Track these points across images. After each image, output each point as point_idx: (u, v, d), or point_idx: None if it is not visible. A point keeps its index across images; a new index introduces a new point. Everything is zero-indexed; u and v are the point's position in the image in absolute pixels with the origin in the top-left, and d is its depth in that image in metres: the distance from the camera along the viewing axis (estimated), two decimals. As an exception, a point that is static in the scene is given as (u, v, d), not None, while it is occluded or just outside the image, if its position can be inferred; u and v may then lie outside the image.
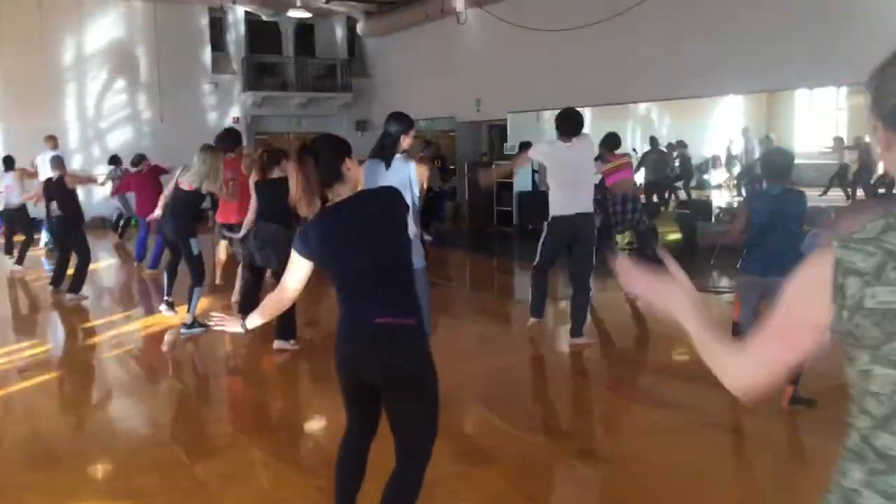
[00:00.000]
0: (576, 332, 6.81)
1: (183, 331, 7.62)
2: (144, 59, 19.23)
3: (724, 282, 9.61)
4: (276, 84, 20.85)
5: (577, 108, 6.95)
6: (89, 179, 12.63)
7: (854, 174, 16.90)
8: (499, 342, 7.59)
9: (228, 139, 8.75)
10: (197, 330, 7.56)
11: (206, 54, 19.98)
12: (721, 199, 19.28)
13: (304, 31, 21.40)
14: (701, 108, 20.94)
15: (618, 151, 9.54)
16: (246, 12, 20.02)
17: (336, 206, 3.07)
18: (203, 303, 7.81)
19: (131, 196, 13.15)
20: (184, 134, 18.53)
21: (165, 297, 8.23)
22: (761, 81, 12.50)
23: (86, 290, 9.57)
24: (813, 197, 17.09)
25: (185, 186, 7.47)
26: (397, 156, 5.32)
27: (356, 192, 3.12)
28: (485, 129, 19.03)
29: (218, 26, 20.24)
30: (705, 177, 22.82)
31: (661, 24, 12.73)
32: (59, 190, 9.49)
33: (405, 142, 5.40)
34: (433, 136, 23.19)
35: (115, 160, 15.50)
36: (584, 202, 6.69)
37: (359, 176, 3.19)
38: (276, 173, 7.01)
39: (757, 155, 19.44)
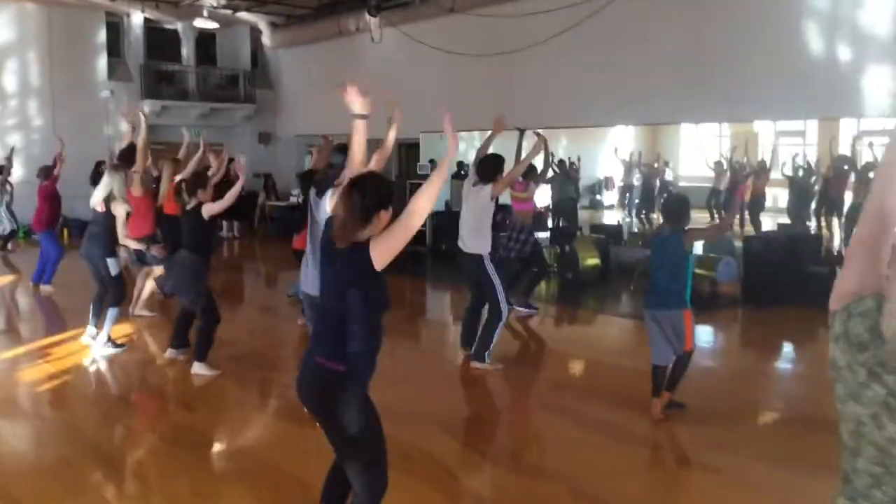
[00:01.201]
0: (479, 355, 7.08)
1: (99, 347, 7.60)
2: (36, 65, 18.30)
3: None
4: (176, 93, 20.23)
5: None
6: None
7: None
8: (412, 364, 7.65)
9: (132, 155, 8.62)
10: (111, 349, 7.57)
11: (102, 60, 19.18)
12: (612, 218, 20.23)
13: (206, 39, 20.86)
14: (593, 133, 21.71)
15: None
16: (145, 18, 19.34)
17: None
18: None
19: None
20: (78, 143, 17.78)
21: (92, 326, 7.90)
22: (649, 115, 13.75)
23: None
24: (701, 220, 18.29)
25: (98, 208, 7.51)
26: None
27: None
28: (395, 147, 19.04)
29: (115, 31, 19.47)
30: (598, 197, 23.80)
31: (564, 58, 13.14)
32: None
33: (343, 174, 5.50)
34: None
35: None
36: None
37: (383, 226, 3.26)
38: (192, 203, 6.85)
39: (638, 178, 20.87)
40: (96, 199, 7.48)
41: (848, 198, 13.23)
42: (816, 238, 11.96)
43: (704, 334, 8.62)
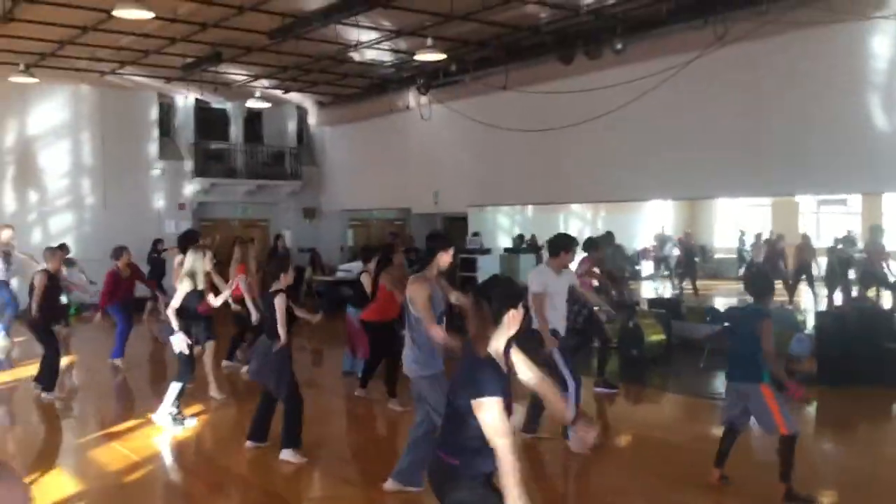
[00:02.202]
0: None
1: (153, 417, 7.64)
2: (88, 145, 18.67)
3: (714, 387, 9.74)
4: (224, 170, 20.52)
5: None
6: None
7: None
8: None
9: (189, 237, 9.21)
10: (175, 424, 7.58)
11: (154, 140, 19.54)
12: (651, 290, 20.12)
13: (253, 118, 21.25)
14: (628, 206, 21.71)
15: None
16: (196, 99, 19.75)
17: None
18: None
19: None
20: (128, 220, 18.07)
21: (164, 407, 7.79)
22: (698, 190, 14.05)
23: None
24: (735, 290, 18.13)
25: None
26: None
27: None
28: (439, 220, 19.11)
29: (165, 111, 19.89)
30: (636, 268, 23.69)
31: (612, 134, 13.15)
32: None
33: (443, 259, 5.49)
34: (377, 226, 23.38)
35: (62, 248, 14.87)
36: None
37: (516, 324, 3.25)
38: (276, 286, 6.80)
39: (669, 249, 20.95)
40: (179, 277, 7.55)
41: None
42: (890, 313, 11.63)
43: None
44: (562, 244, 7.18)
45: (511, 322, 3.16)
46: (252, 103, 17.88)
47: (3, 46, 13.76)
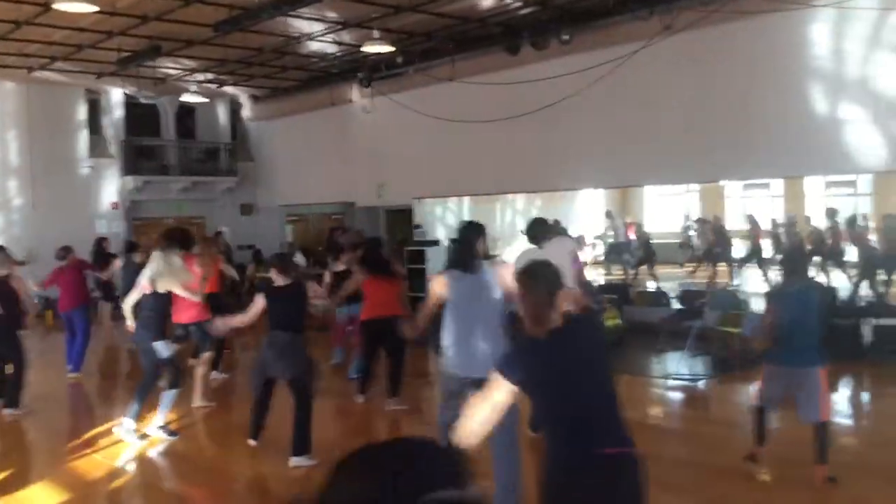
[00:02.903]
0: None
1: (151, 431, 7.33)
2: (15, 143, 17.94)
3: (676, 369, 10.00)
4: (157, 168, 20.00)
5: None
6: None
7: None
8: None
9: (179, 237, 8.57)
10: (164, 434, 7.31)
11: (83, 137, 18.90)
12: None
13: (185, 113, 20.75)
14: (562, 195, 21.97)
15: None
16: (125, 94, 19.17)
17: (556, 334, 3.10)
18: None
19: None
20: (59, 222, 17.42)
21: (129, 419, 7.38)
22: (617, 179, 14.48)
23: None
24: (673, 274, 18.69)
25: (146, 290, 7.28)
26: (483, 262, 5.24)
27: (569, 321, 3.19)
28: (382, 213, 19.01)
29: (94, 108, 19.25)
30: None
31: (560, 123, 13.29)
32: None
33: (480, 247, 5.34)
34: (316, 220, 23.14)
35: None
36: None
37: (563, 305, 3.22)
38: (281, 280, 6.69)
39: (613, 234, 21.40)
40: (143, 280, 7.24)
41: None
42: (832, 290, 12.14)
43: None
44: (544, 229, 7.22)
45: (563, 300, 3.18)
46: (188, 98, 17.45)
47: (-75, 42, 13.11)
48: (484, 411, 3.06)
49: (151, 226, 19.68)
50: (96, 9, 9.96)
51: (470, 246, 5.25)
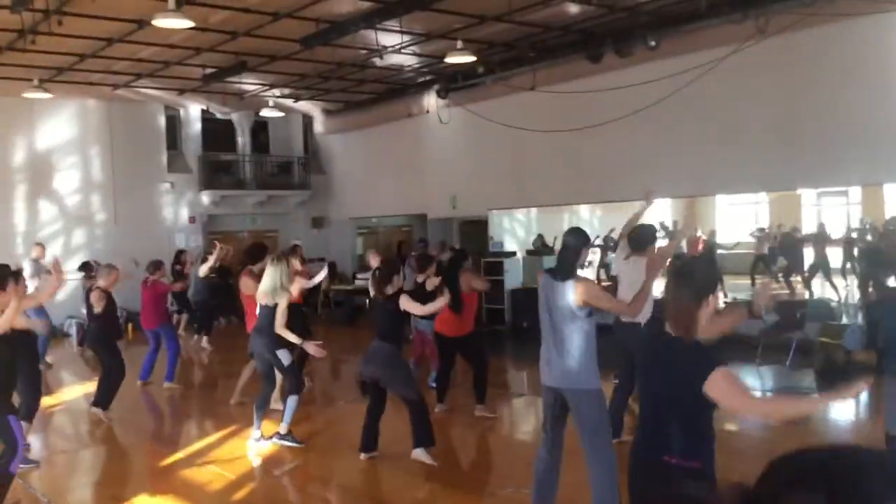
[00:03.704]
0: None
1: (276, 440, 7.40)
2: (98, 160, 18.36)
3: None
4: (232, 182, 20.29)
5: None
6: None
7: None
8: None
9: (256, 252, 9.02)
10: (289, 442, 7.35)
11: (162, 153, 19.26)
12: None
13: (259, 128, 21.04)
14: (627, 205, 21.44)
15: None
16: (202, 110, 19.51)
17: None
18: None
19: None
20: (139, 235, 17.76)
21: (256, 431, 7.62)
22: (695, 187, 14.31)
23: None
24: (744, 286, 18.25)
25: (264, 301, 7.36)
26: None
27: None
28: (455, 225, 18.99)
29: (172, 124, 19.62)
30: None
31: (636, 133, 13.17)
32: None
33: (584, 256, 5.24)
34: (386, 233, 23.23)
35: (86, 266, 14.62)
36: None
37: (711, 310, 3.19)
38: (388, 290, 6.72)
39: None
40: (262, 291, 7.31)
41: None
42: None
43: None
44: (651, 237, 7.06)
45: (709, 307, 3.11)
46: (266, 112, 17.67)
47: (19, 61, 13.43)
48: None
49: (227, 239, 19.90)
50: (192, 24, 10.10)
51: (576, 254, 5.14)
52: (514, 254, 16.55)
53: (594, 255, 18.60)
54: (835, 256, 17.45)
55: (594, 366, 4.99)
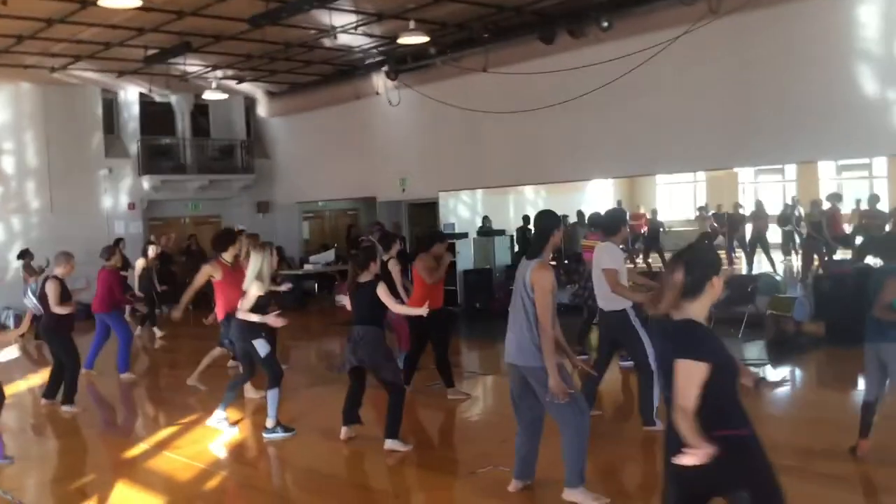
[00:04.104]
0: (647, 419, 6.73)
1: (265, 435, 7.17)
2: (32, 145, 17.69)
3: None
4: (173, 167, 19.77)
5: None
6: None
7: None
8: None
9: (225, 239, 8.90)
10: (280, 434, 7.14)
11: (99, 138, 18.64)
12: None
13: (198, 111, 20.52)
14: (571, 186, 21.58)
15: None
16: (140, 93, 18.94)
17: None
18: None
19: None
20: (77, 224, 17.22)
21: (221, 411, 7.47)
22: (688, 164, 14.46)
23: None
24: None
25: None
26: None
27: None
28: (404, 207, 18.88)
29: (109, 108, 18.99)
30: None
31: (590, 113, 13.14)
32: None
33: (556, 239, 5.28)
34: (332, 216, 22.99)
35: (25, 254, 14.14)
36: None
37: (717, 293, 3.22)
38: (364, 277, 6.64)
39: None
40: (248, 280, 7.15)
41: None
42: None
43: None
44: (621, 220, 7.12)
45: (714, 290, 3.13)
46: (210, 95, 17.24)
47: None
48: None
49: (169, 226, 19.49)
50: (139, 3, 9.76)
51: (546, 236, 5.22)
52: (465, 235, 16.54)
53: None
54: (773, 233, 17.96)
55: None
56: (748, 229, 18.25)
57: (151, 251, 14.32)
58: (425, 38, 12.71)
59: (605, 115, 13.28)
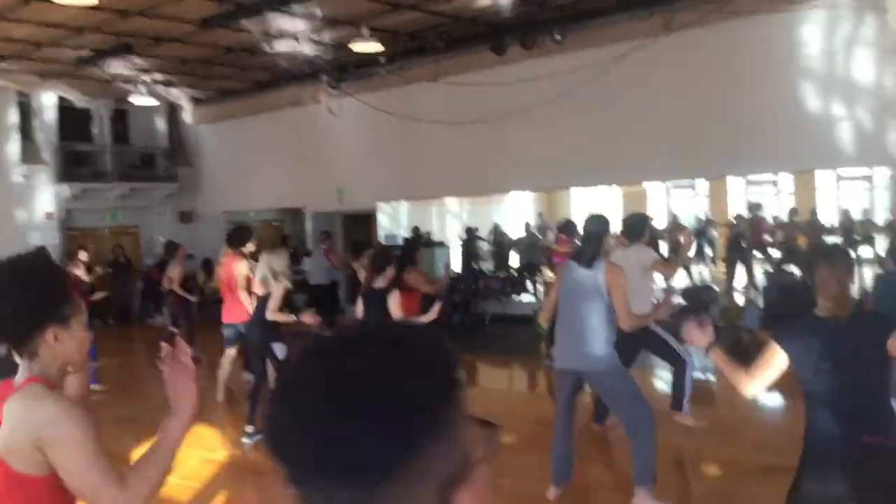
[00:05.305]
0: (675, 405, 6.85)
1: (245, 441, 7.07)
2: (-60, 150, 16.59)
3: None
4: (92, 174, 18.87)
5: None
6: None
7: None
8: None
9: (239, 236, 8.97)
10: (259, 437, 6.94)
11: (14, 143, 17.62)
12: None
13: (117, 117, 19.68)
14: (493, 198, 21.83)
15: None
16: (59, 97, 18.01)
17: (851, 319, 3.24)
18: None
19: None
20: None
21: (248, 428, 7.15)
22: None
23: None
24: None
25: (259, 291, 7.17)
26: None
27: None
28: (339, 219, 18.59)
29: (25, 112, 17.99)
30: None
31: (536, 124, 13.26)
32: None
33: (608, 242, 5.37)
34: (257, 227, 22.38)
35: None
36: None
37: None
38: (380, 282, 6.48)
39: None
40: (258, 280, 7.13)
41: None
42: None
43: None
44: (645, 225, 7.21)
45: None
46: (138, 100, 16.52)
47: None
48: (762, 372, 3.27)
49: (88, 236, 18.58)
50: (95, 1, 9.27)
51: (599, 241, 5.25)
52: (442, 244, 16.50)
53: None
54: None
55: (611, 346, 5.18)
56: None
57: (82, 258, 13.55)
58: (379, 47, 12.55)
59: (551, 127, 13.41)
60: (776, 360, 3.24)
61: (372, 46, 12.32)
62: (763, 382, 3.31)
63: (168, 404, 1.96)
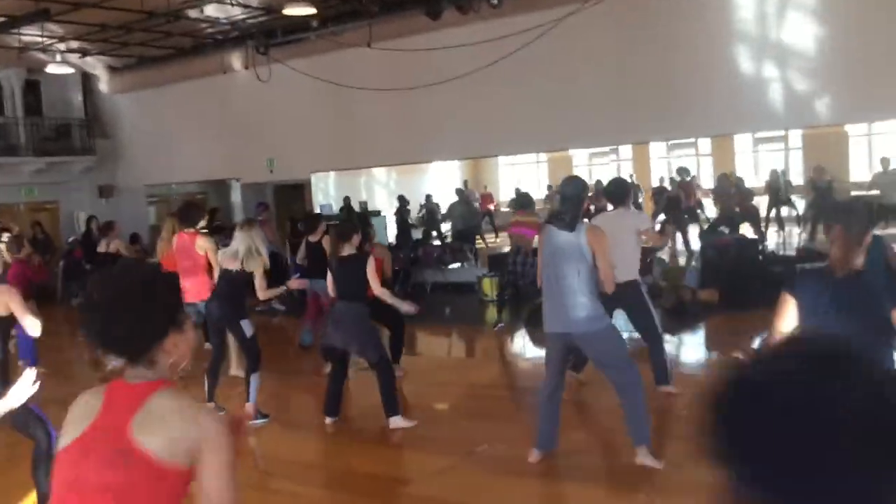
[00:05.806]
0: (661, 379, 6.91)
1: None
2: None
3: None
4: (4, 148, 17.95)
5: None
6: None
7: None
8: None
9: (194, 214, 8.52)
10: (259, 421, 6.74)
11: (-83, 116, 16.60)
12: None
13: (28, 87, 18.70)
14: (415, 168, 21.82)
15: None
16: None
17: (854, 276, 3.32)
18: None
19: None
20: None
21: (209, 403, 6.90)
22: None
23: None
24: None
25: (230, 266, 6.81)
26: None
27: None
28: (270, 189, 18.16)
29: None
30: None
31: (474, 90, 13.04)
32: None
33: (586, 203, 5.35)
34: (179, 200, 21.73)
35: None
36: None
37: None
38: (346, 250, 6.34)
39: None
40: (228, 254, 6.81)
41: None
42: (756, 241, 13.00)
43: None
44: (627, 189, 7.19)
45: (867, 242, 3.38)
46: (54, 69, 15.68)
47: None
48: (780, 323, 3.32)
49: (3, 213, 17.70)
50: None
51: (577, 203, 5.22)
52: (378, 214, 16.27)
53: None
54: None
55: (600, 305, 5.17)
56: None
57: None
58: (312, 10, 12.19)
59: (484, 94, 13.28)
60: (789, 310, 3.31)
61: (304, 9, 11.94)
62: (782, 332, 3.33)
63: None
